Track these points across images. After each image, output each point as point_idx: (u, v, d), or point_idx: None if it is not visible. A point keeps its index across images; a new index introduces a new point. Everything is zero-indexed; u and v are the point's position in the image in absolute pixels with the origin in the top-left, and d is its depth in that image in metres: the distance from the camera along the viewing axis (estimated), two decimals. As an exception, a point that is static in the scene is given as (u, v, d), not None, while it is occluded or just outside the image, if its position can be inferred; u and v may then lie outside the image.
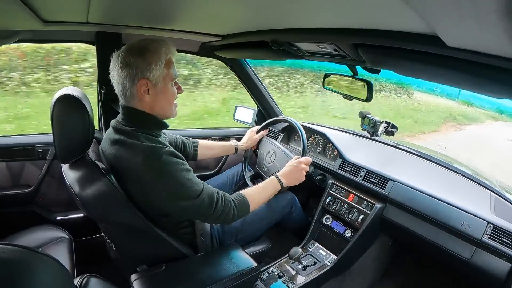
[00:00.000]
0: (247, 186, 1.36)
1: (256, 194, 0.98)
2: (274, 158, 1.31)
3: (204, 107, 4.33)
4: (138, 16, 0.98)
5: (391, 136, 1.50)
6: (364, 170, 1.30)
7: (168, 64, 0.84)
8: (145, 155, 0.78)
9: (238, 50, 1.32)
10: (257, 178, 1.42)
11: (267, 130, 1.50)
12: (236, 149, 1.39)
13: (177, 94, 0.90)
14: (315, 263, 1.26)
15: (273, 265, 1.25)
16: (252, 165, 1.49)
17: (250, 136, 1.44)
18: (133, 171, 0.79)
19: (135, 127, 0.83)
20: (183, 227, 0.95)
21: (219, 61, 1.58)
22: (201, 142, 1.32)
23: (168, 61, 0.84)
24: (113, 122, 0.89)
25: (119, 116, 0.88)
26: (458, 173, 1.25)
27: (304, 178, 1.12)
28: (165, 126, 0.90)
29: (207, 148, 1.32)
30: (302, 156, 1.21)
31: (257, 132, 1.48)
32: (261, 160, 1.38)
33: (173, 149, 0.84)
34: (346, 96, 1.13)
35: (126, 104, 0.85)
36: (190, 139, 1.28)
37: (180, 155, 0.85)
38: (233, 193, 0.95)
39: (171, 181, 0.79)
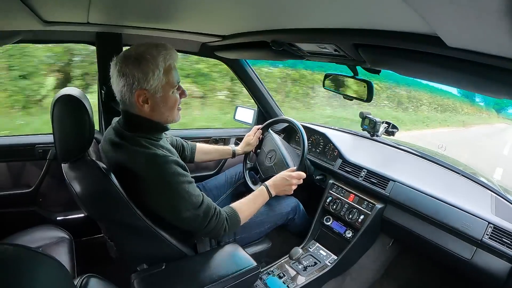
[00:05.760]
0: (245, 186, 1.35)
1: (247, 210, 0.98)
2: (273, 160, 1.30)
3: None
4: (138, 16, 0.98)
5: (392, 136, 1.50)
6: (364, 170, 1.29)
7: (167, 71, 0.80)
8: (148, 163, 0.78)
9: (238, 51, 1.31)
10: (256, 172, 1.41)
11: (260, 131, 1.42)
12: (234, 153, 1.37)
13: (181, 99, 0.87)
14: (315, 263, 1.26)
15: (273, 265, 1.25)
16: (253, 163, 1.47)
17: (248, 140, 1.39)
18: (134, 175, 0.79)
19: (136, 132, 0.83)
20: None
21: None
22: (199, 146, 1.30)
23: (167, 68, 0.80)
24: (114, 123, 0.89)
25: (120, 119, 0.87)
26: (458, 173, 1.25)
27: (292, 192, 1.09)
28: (166, 129, 0.89)
29: (203, 153, 1.31)
30: (300, 165, 1.19)
31: (256, 132, 1.41)
32: (262, 158, 1.37)
33: (176, 158, 0.84)
34: (347, 97, 1.13)
35: (126, 109, 0.84)
36: (189, 142, 1.28)
37: (183, 163, 0.84)
38: (225, 207, 0.94)
39: (170, 192, 0.80)
